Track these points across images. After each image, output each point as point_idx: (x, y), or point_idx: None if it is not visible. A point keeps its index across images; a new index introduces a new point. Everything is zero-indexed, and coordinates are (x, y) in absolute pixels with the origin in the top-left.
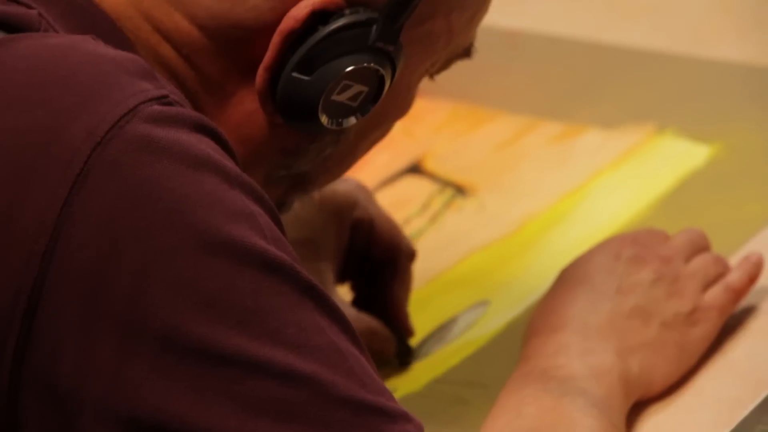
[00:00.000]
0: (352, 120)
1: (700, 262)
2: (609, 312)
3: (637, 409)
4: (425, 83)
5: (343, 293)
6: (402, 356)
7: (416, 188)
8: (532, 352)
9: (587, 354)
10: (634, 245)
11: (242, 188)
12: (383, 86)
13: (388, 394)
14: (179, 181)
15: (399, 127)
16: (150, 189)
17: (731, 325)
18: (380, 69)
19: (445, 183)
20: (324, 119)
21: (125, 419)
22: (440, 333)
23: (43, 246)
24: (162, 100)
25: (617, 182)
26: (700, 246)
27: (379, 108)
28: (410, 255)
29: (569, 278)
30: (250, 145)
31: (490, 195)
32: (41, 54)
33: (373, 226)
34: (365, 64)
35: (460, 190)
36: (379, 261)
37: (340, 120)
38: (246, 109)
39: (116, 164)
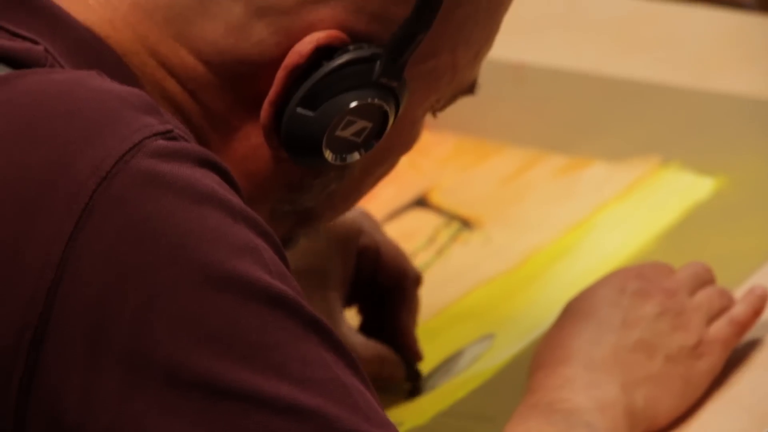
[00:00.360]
0: (356, 156)
1: (704, 295)
2: (614, 345)
3: None
4: (429, 117)
5: (351, 318)
6: (412, 381)
7: (422, 221)
8: (537, 386)
9: (592, 387)
10: (638, 279)
11: (247, 223)
12: (387, 122)
13: (393, 429)
14: (183, 216)
15: (405, 160)
16: (154, 224)
17: (736, 358)
18: (384, 105)
19: (451, 216)
20: (328, 155)
21: None
22: (446, 366)
23: (49, 281)
24: (167, 135)
25: (622, 215)
26: (704, 279)
27: (383, 143)
28: (416, 280)
29: (574, 311)
30: (255, 180)
31: (496, 228)
32: (46, 89)
33: (379, 253)
34: (369, 100)
35: (465, 224)
36: (385, 287)
37: (344, 155)
38: (251, 143)
39: (121, 199)
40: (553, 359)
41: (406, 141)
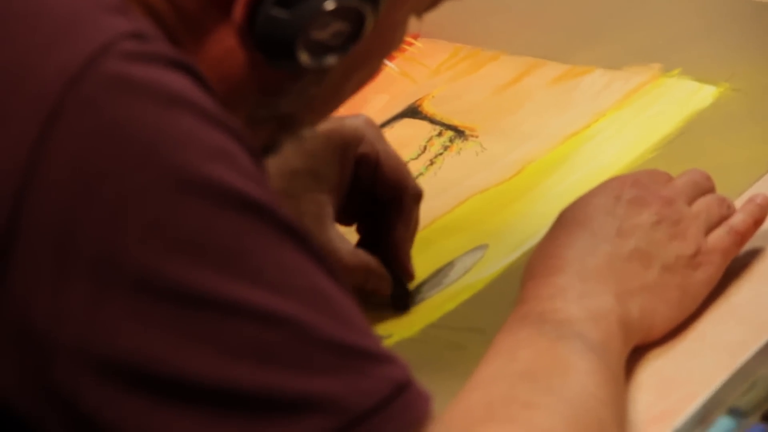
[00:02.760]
0: (333, 59)
1: (703, 203)
2: (608, 255)
3: (638, 353)
4: (425, 24)
5: (350, 235)
6: (397, 299)
7: (415, 131)
8: (529, 296)
9: (585, 297)
10: (634, 186)
11: (221, 126)
12: (364, 25)
13: (374, 337)
14: (155, 120)
15: (398, 69)
16: (125, 128)
17: (735, 268)
18: (362, 7)
19: (444, 126)
20: (304, 57)
21: (100, 362)
22: (437, 277)
23: (15, 185)
24: (137, 35)
25: (621, 123)
26: (703, 187)
27: (363, 46)
28: (417, 196)
29: (568, 220)
30: (230, 84)
31: (490, 138)
32: None
33: (379, 163)
34: (346, 2)
35: (459, 133)
36: (384, 199)
37: (320, 58)
38: (225, 46)
39: (90, 102)
40: (545, 269)
41: (386, 44)
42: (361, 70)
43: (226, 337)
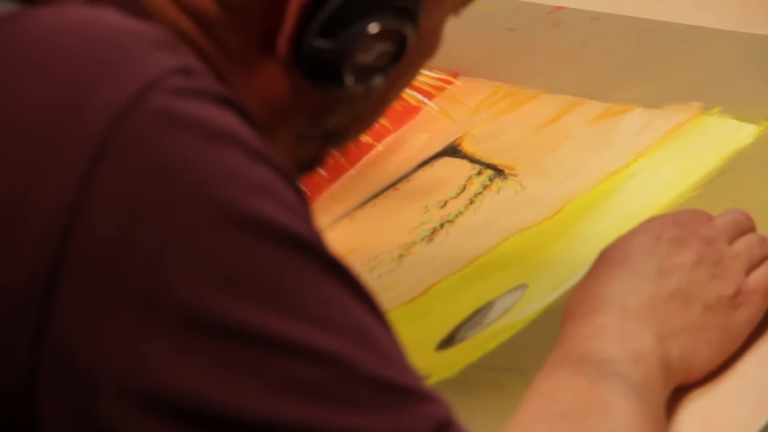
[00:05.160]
0: (379, 79)
1: (744, 243)
2: (648, 295)
3: (680, 393)
4: (464, 63)
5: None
6: None
7: (454, 170)
8: (569, 336)
9: (625, 337)
10: (675, 226)
11: (265, 162)
12: (407, 42)
13: (416, 375)
14: (201, 156)
15: (437, 107)
16: (171, 163)
17: None
18: (403, 26)
19: (483, 165)
20: (350, 81)
21: (145, 397)
22: (477, 317)
23: (62, 221)
24: (184, 71)
25: (661, 163)
26: (744, 227)
27: (405, 58)
28: None
29: (608, 259)
30: (279, 110)
31: (530, 176)
32: (60, 26)
33: None
34: (388, 24)
35: (499, 172)
36: None
37: (367, 80)
38: (271, 76)
39: (137, 138)
40: (585, 309)
41: (427, 50)
42: (404, 77)
43: (269, 373)
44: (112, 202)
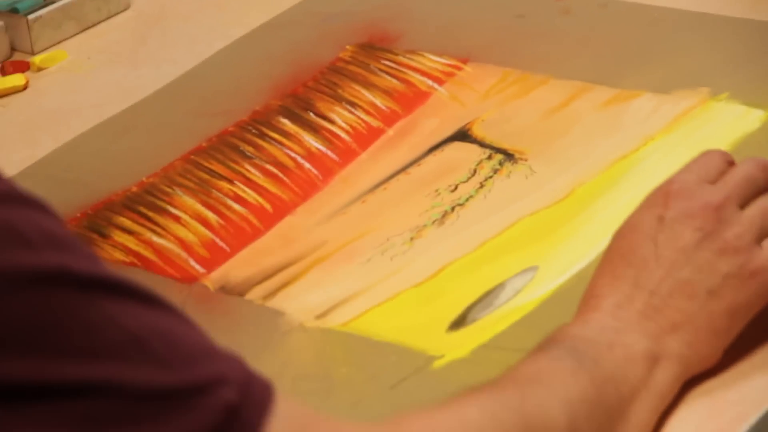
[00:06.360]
0: None
1: (756, 209)
2: (649, 292)
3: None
4: (474, 49)
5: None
6: None
7: (465, 154)
8: (561, 327)
9: (608, 331)
10: (678, 198)
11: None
12: None
13: (201, 360)
14: None
15: (447, 93)
16: None
17: None
18: None
19: (493, 149)
20: None
21: None
22: (488, 299)
23: None
24: None
25: (669, 147)
26: (759, 184)
27: None
28: None
29: (615, 252)
30: None
31: (540, 161)
32: None
33: None
34: None
35: (509, 156)
36: None
37: None
38: None
39: None
40: (583, 306)
41: None
42: None
43: (45, 419)
44: None
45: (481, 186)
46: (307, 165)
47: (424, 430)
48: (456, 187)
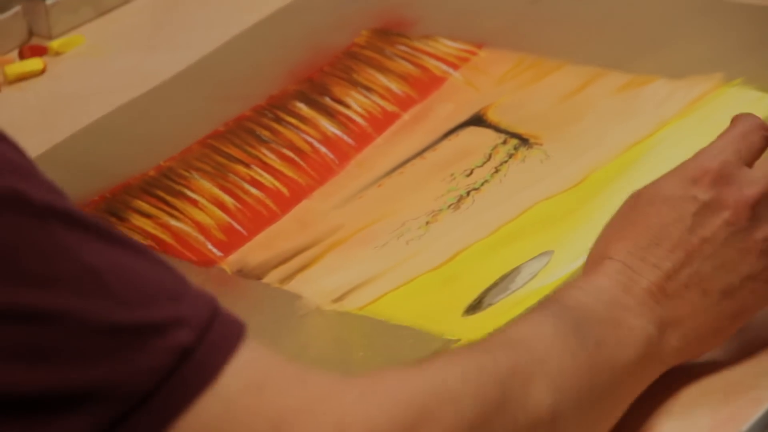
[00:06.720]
0: None
1: None
2: (664, 274)
3: (705, 357)
4: (488, 35)
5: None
6: None
7: (480, 139)
8: (566, 285)
9: (614, 305)
10: (715, 185)
11: None
12: None
13: (161, 300)
14: None
15: (462, 78)
16: None
17: None
18: None
19: (508, 134)
20: None
21: None
22: (504, 283)
23: None
24: None
25: (684, 132)
26: None
27: None
28: None
29: (636, 210)
30: None
31: (555, 146)
32: None
33: None
34: None
35: (524, 141)
36: None
37: None
38: None
39: None
40: (595, 262)
41: None
42: None
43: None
44: None
45: (497, 171)
46: (323, 149)
47: (395, 386)
48: (471, 172)
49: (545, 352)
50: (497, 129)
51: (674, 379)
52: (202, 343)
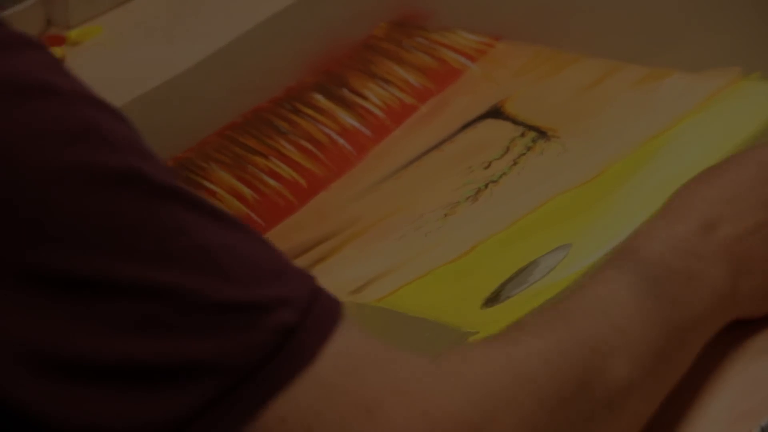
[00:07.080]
0: None
1: None
2: (748, 228)
3: (724, 350)
4: (506, 27)
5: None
6: None
7: (498, 131)
8: (646, 230)
9: (690, 255)
10: None
11: (82, 101)
12: None
13: (268, 279)
14: (6, 120)
15: (480, 70)
16: None
17: None
18: None
19: (526, 126)
20: None
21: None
22: (521, 276)
23: None
24: None
25: (701, 127)
26: None
27: None
28: None
29: (727, 166)
30: None
31: (572, 138)
32: None
33: None
34: None
35: (542, 134)
36: None
37: None
38: None
39: None
40: (681, 210)
41: None
42: None
43: (111, 317)
44: None
45: (515, 163)
46: (341, 141)
47: (480, 371)
48: (489, 164)
49: (623, 319)
50: (515, 121)
51: (693, 373)
52: (303, 323)
